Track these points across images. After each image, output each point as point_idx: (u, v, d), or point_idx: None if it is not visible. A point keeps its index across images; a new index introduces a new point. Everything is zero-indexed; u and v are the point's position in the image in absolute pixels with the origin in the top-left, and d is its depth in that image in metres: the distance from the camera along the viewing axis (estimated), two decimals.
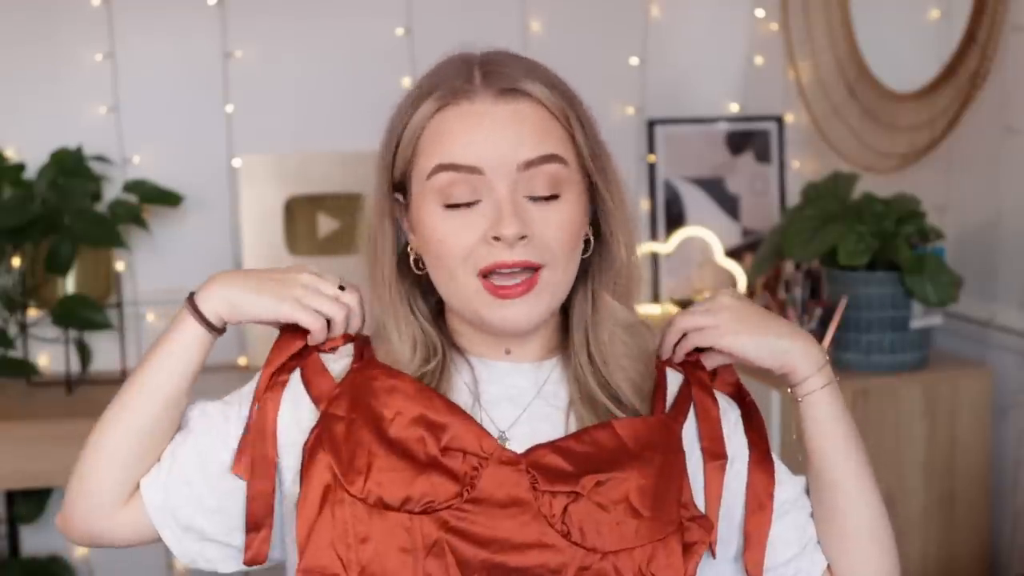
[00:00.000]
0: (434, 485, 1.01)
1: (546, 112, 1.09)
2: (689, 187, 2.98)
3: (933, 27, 2.52)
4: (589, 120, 1.12)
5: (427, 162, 1.08)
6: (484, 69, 1.09)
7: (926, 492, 2.23)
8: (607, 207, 1.13)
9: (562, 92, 1.11)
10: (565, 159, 1.08)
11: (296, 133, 2.83)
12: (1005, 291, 2.30)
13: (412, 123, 1.09)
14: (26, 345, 2.69)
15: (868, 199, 2.28)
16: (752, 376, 2.25)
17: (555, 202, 1.07)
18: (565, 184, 1.08)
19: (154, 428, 1.11)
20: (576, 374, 1.13)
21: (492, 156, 1.06)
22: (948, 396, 2.24)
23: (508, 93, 1.08)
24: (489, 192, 1.06)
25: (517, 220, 1.05)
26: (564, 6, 2.94)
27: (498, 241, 1.05)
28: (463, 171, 1.06)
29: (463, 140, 1.06)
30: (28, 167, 2.68)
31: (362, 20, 2.85)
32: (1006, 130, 2.27)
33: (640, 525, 1.02)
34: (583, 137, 1.10)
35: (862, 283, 2.25)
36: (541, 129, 1.08)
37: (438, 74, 1.11)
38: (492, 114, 1.07)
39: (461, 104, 1.07)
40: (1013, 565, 2.26)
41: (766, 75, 3.02)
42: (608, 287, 1.14)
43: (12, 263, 2.61)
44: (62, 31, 2.74)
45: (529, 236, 1.05)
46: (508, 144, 1.06)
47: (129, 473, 1.11)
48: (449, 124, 1.07)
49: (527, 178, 1.07)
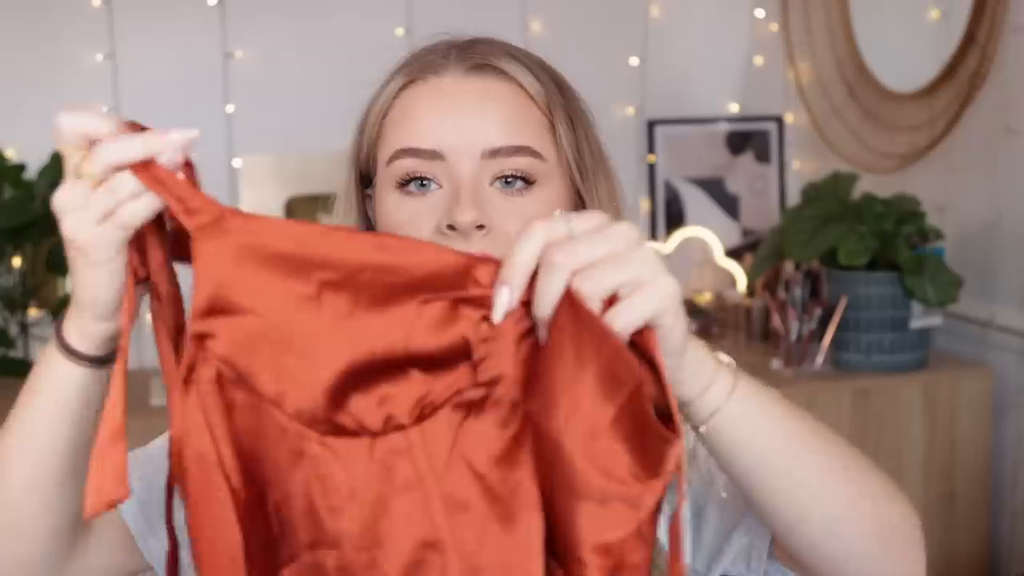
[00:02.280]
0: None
1: (524, 96, 0.96)
2: (689, 187, 2.98)
3: (933, 27, 2.52)
4: (580, 115, 1.00)
5: (389, 145, 0.97)
6: (462, 47, 0.99)
7: (926, 492, 2.23)
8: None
9: (549, 79, 0.98)
10: (540, 153, 0.95)
11: (296, 133, 2.83)
12: (1005, 291, 2.30)
13: (378, 101, 1.00)
14: (27, 345, 2.69)
15: (868, 199, 2.28)
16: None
17: (526, 193, 0.94)
18: (540, 178, 0.95)
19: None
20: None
21: (454, 138, 0.93)
22: (948, 396, 2.24)
23: (480, 69, 0.96)
24: (450, 178, 0.94)
25: (473, 207, 0.91)
26: (564, 6, 2.94)
27: (453, 231, 0.92)
28: (423, 156, 0.94)
29: (426, 121, 0.95)
30: (28, 167, 2.68)
31: (362, 20, 2.85)
32: (1006, 130, 2.27)
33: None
34: (568, 133, 0.97)
35: (862, 283, 2.25)
36: (514, 114, 0.95)
37: (416, 52, 1.01)
38: (460, 91, 0.95)
39: (428, 79, 0.97)
40: (1013, 565, 2.26)
41: (766, 75, 3.02)
42: None
43: (12, 263, 2.61)
44: (62, 31, 2.74)
45: (488, 227, 0.92)
46: (473, 125, 0.94)
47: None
48: (414, 103, 0.97)
49: (494, 167, 0.94)
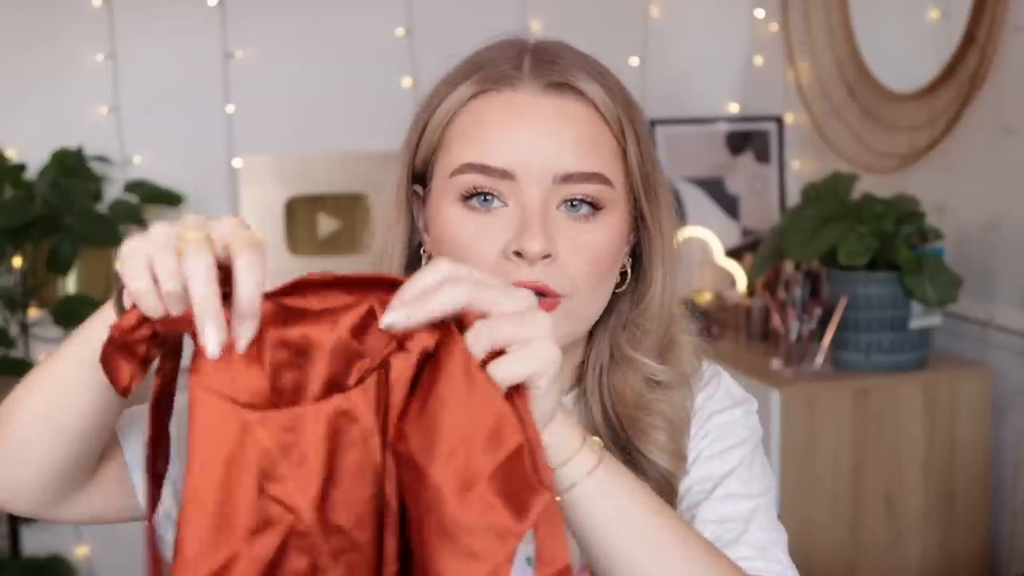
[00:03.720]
0: None
1: (599, 118, 0.94)
2: (689, 187, 2.98)
3: (933, 27, 2.52)
4: (645, 134, 0.97)
5: (454, 156, 0.93)
6: (536, 56, 0.94)
7: (926, 492, 2.23)
8: (650, 236, 0.98)
9: (620, 94, 0.96)
10: (611, 180, 0.93)
11: (296, 133, 2.84)
12: (1004, 291, 2.30)
13: (444, 106, 0.94)
14: (27, 345, 2.69)
15: (868, 199, 2.28)
16: (750, 375, 2.25)
17: (592, 221, 0.92)
18: (607, 205, 0.93)
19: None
20: (584, 415, 0.99)
21: (528, 159, 0.91)
22: (948, 396, 2.24)
23: (558, 88, 0.93)
24: (518, 198, 0.91)
25: (543, 236, 0.89)
26: (564, 6, 2.94)
27: (519, 257, 0.90)
28: (492, 174, 0.91)
29: (498, 137, 0.91)
30: (29, 167, 2.68)
31: (362, 20, 2.85)
32: (1005, 130, 2.27)
33: None
34: (637, 155, 0.95)
35: (862, 283, 2.25)
36: (589, 138, 0.93)
37: (483, 55, 0.96)
38: (535, 109, 0.92)
39: (503, 91, 0.93)
40: (1012, 565, 2.26)
41: (766, 75, 3.02)
42: (632, 331, 0.99)
43: (13, 263, 2.61)
44: (63, 31, 2.75)
45: (553, 256, 0.90)
46: (549, 148, 0.91)
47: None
48: (485, 115, 0.93)
49: (564, 191, 0.92)
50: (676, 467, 0.96)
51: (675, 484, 0.97)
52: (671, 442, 0.97)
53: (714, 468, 0.98)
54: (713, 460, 0.99)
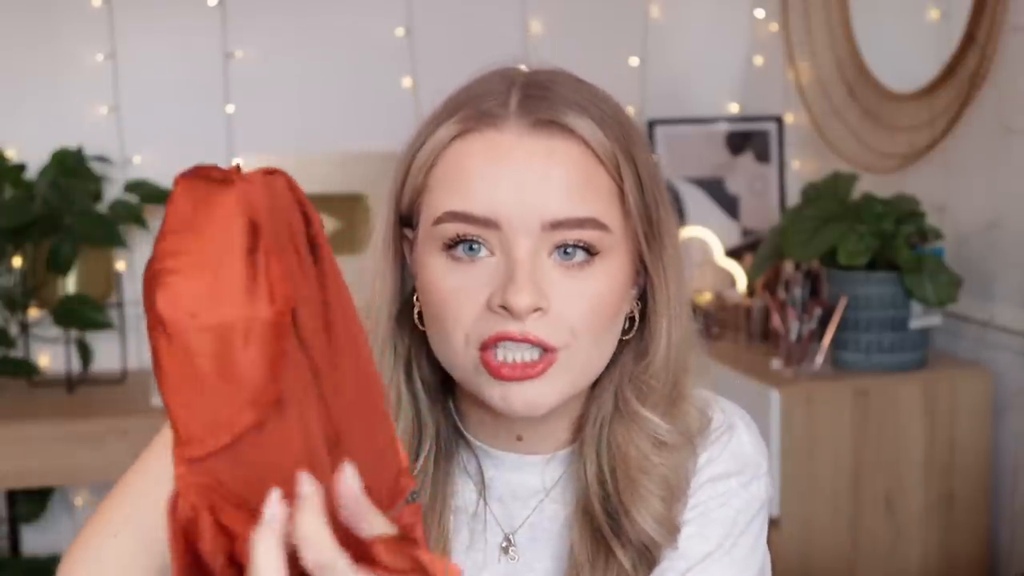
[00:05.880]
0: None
1: (592, 159, 0.86)
2: (689, 187, 2.98)
3: (933, 27, 2.52)
4: (648, 167, 0.89)
5: (436, 203, 0.87)
6: (525, 91, 0.87)
7: (925, 492, 2.23)
8: (653, 285, 0.91)
9: (617, 129, 0.88)
10: (606, 224, 0.86)
11: (296, 133, 2.84)
12: (1004, 291, 2.30)
13: (426, 147, 0.88)
14: (27, 345, 2.70)
15: (868, 199, 2.28)
16: (750, 375, 2.25)
17: (588, 268, 0.86)
18: (604, 250, 0.86)
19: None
20: (578, 474, 0.93)
21: (513, 207, 0.84)
22: (947, 396, 2.24)
23: (546, 126, 0.85)
24: (504, 247, 0.85)
25: (531, 289, 0.83)
26: (564, 6, 2.94)
27: (505, 311, 0.84)
28: (475, 223, 0.85)
29: (480, 183, 0.85)
30: (29, 167, 2.68)
31: (362, 20, 2.85)
32: (1005, 130, 2.27)
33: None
34: (636, 192, 0.87)
35: (862, 283, 2.25)
36: (580, 180, 0.85)
37: (470, 89, 0.89)
38: (521, 150, 0.85)
39: (485, 132, 0.86)
40: (1012, 565, 2.26)
41: (766, 75, 3.02)
42: (637, 383, 0.92)
43: (13, 263, 2.61)
44: (63, 31, 2.75)
45: (545, 309, 0.84)
46: (536, 193, 0.84)
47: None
48: (467, 159, 0.86)
49: (555, 238, 0.85)
50: (664, 538, 0.90)
51: (655, 555, 0.90)
52: (665, 510, 0.90)
53: (693, 547, 0.91)
54: (693, 538, 0.91)
